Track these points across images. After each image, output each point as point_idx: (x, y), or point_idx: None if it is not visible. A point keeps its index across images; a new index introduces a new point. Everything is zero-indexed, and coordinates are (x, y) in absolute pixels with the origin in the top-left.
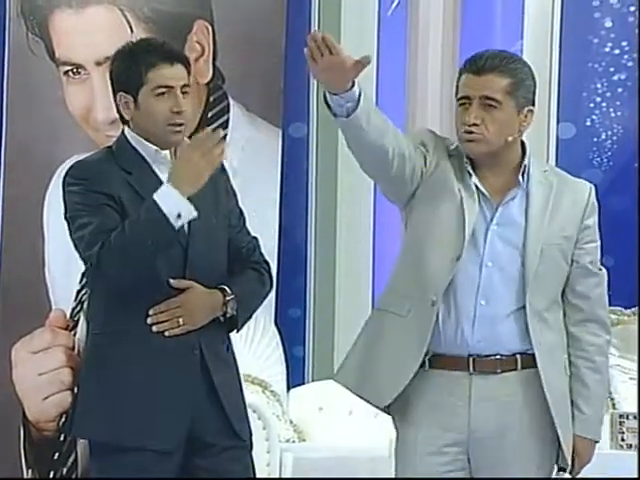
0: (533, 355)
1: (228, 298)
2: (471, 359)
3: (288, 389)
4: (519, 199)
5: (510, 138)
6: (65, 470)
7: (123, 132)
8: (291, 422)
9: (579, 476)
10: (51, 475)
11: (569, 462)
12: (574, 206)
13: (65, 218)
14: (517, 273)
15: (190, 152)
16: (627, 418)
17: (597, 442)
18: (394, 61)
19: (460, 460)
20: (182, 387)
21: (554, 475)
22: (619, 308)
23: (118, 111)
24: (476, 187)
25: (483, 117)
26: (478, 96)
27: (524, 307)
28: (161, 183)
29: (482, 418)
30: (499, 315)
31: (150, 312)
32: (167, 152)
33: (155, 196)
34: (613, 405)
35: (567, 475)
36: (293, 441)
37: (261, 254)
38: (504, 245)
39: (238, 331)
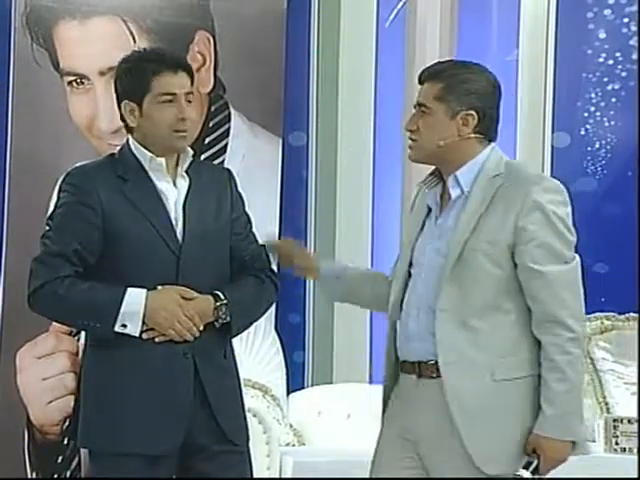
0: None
1: (219, 303)
2: (416, 365)
3: (288, 394)
4: (457, 210)
5: (442, 143)
6: (68, 473)
7: (128, 140)
8: (291, 426)
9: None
10: (54, 477)
11: (482, 465)
12: (508, 209)
13: (46, 219)
14: (438, 281)
15: (177, 308)
16: (621, 422)
17: (571, 442)
18: (392, 72)
19: (414, 460)
20: (175, 391)
21: (516, 474)
22: (613, 314)
23: (123, 119)
24: (428, 207)
25: (418, 124)
26: (416, 104)
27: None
28: (155, 190)
29: (423, 422)
30: (422, 324)
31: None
32: (162, 159)
33: (127, 293)
34: (607, 409)
35: (525, 472)
36: (293, 445)
37: (267, 262)
38: (436, 255)
39: (232, 337)
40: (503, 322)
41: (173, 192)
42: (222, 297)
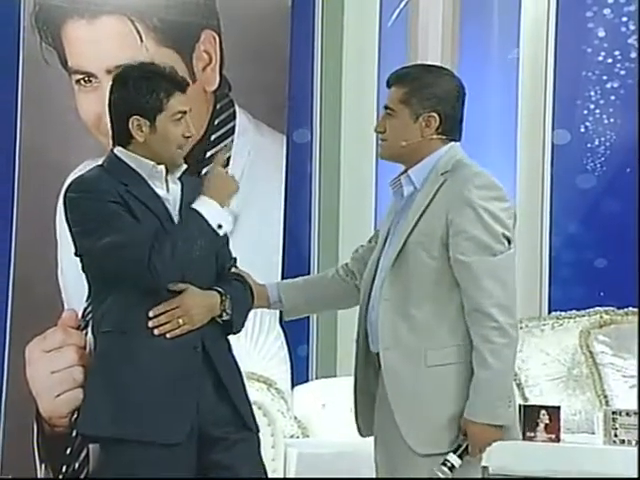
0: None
1: (224, 298)
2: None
3: (292, 387)
4: (408, 207)
5: (404, 143)
6: (77, 465)
7: (113, 151)
8: (295, 418)
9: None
10: (63, 469)
11: (415, 446)
12: (444, 205)
13: (72, 232)
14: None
15: (221, 169)
16: (620, 415)
17: (498, 426)
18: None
19: None
20: (185, 382)
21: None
22: (612, 308)
23: (120, 132)
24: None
25: (386, 125)
26: (384, 106)
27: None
28: (157, 195)
29: (377, 413)
30: (374, 316)
31: (150, 314)
32: (162, 167)
33: (196, 206)
34: (607, 402)
35: (453, 457)
36: (297, 437)
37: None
38: (388, 251)
39: (235, 333)
40: (439, 311)
41: (167, 195)
42: (224, 293)
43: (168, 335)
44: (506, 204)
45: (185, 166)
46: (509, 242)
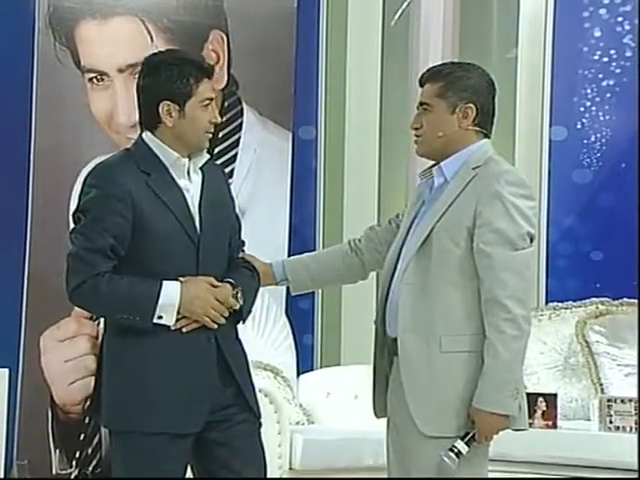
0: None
1: (236, 290)
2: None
3: (298, 375)
4: (436, 197)
5: (441, 134)
6: (90, 450)
7: (141, 136)
8: (301, 406)
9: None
10: (77, 455)
11: (424, 429)
12: (474, 197)
13: (73, 213)
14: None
15: (210, 296)
16: (615, 402)
17: (504, 415)
18: (397, 68)
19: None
20: (202, 375)
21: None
22: (607, 299)
23: (151, 116)
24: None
25: (421, 122)
26: (419, 103)
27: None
28: (178, 187)
29: (392, 398)
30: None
31: None
32: (186, 160)
33: (163, 287)
34: (602, 390)
35: (460, 443)
36: (302, 424)
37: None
38: (413, 238)
39: (244, 322)
40: (458, 299)
41: (190, 186)
42: (236, 285)
43: (184, 330)
44: (533, 203)
45: (207, 156)
46: (531, 240)
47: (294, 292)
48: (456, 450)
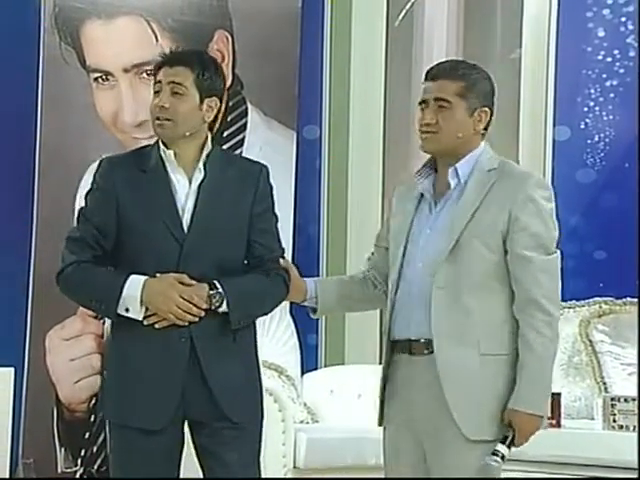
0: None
1: (213, 292)
2: (408, 343)
3: (302, 374)
4: (453, 200)
5: (460, 134)
6: (95, 448)
7: None
8: (305, 405)
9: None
10: (82, 453)
11: (469, 434)
12: (504, 201)
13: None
14: (435, 261)
15: (174, 293)
16: (618, 401)
17: (540, 416)
18: (401, 69)
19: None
20: (170, 372)
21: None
22: (611, 298)
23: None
24: (421, 195)
25: (437, 117)
26: (433, 99)
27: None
28: (168, 181)
29: (417, 400)
30: (418, 304)
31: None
32: (171, 152)
33: (128, 280)
34: (605, 389)
35: (502, 447)
36: (307, 422)
37: (279, 260)
38: (434, 239)
39: (232, 329)
40: (491, 302)
41: (185, 183)
42: (217, 286)
43: (156, 326)
44: (554, 205)
45: (210, 146)
46: (557, 244)
47: (318, 314)
48: (500, 454)
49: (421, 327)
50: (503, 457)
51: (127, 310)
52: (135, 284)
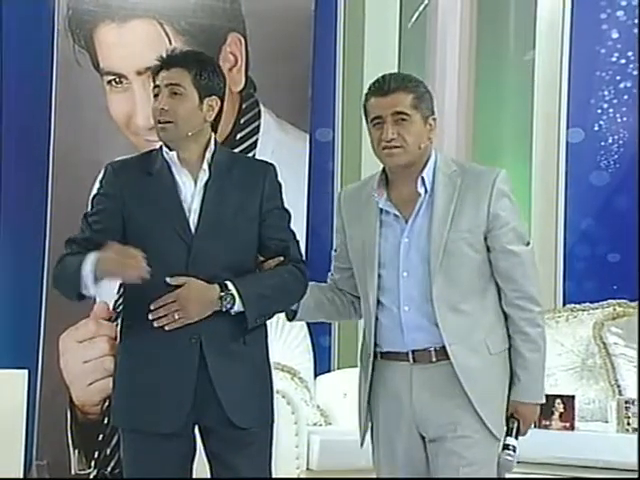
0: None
1: (224, 293)
2: (409, 353)
3: (315, 376)
4: (425, 207)
5: (422, 145)
6: (108, 450)
7: None
8: (318, 407)
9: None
10: (96, 455)
11: (496, 432)
12: (478, 200)
13: None
14: (425, 274)
15: (124, 252)
16: (632, 404)
17: (540, 404)
18: (414, 70)
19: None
20: (180, 374)
21: (504, 441)
22: (624, 301)
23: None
24: (385, 211)
25: (398, 131)
26: (390, 113)
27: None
28: (173, 182)
29: (427, 406)
30: (418, 316)
31: (151, 307)
32: (174, 153)
33: (87, 259)
34: (619, 392)
35: (512, 439)
36: (320, 424)
37: (299, 253)
38: (415, 253)
39: (247, 328)
40: (485, 302)
41: (190, 184)
42: (229, 287)
43: (166, 328)
44: None
45: (213, 147)
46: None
47: (295, 319)
48: (511, 447)
49: (428, 336)
50: (515, 449)
51: (86, 287)
52: (90, 257)
